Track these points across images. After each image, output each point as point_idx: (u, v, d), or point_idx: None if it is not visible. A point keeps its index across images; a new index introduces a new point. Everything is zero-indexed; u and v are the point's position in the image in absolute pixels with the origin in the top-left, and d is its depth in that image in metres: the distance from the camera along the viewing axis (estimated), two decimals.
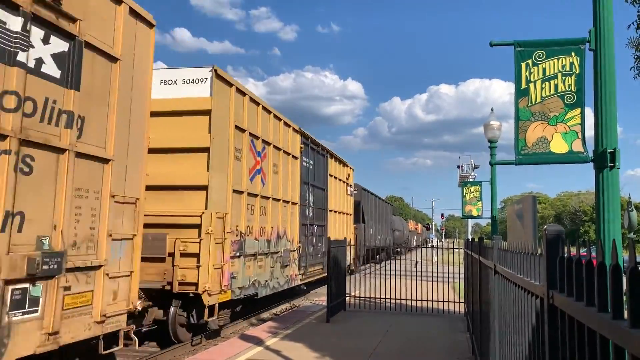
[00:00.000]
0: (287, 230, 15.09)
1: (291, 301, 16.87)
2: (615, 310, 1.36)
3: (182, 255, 10.00)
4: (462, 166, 35.66)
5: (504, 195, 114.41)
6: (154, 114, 9.08)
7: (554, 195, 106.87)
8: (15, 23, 5.51)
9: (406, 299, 13.50)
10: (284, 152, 14.97)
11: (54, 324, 5.82)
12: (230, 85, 11.42)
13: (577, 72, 6.22)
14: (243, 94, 12.10)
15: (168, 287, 9.89)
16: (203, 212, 10.14)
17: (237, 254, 11.42)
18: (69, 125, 6.20)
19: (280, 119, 14.68)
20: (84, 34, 6.47)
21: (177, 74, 11.14)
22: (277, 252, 14.16)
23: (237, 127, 11.58)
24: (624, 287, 1.32)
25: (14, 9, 5.50)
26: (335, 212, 21.06)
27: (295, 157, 15.99)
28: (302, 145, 16.78)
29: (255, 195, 12.68)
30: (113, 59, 7.12)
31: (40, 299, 5.69)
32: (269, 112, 13.78)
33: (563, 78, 6.25)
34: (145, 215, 7.96)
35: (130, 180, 7.47)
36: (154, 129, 9.51)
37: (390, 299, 13.64)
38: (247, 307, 13.30)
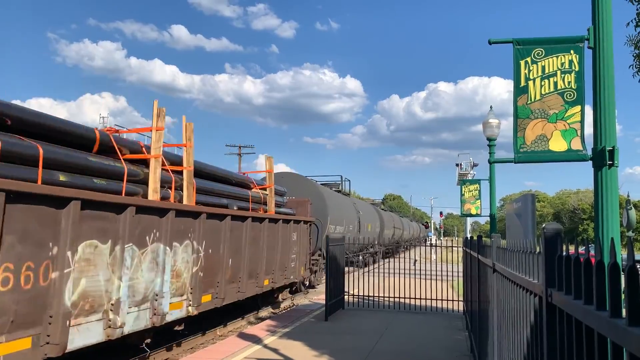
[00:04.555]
0: None
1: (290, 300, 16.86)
2: (613, 309, 1.35)
3: None
4: (461, 164, 35.64)
5: (502, 194, 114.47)
6: None
7: (553, 193, 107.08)
8: None
9: (405, 297, 13.51)
10: None
11: None
12: None
13: (577, 69, 6.21)
14: None
15: None
16: None
17: None
18: None
19: None
20: None
21: None
22: None
23: None
24: (622, 285, 1.32)
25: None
26: None
27: None
28: None
29: None
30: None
31: None
32: None
33: (562, 75, 6.23)
34: None
35: None
36: None
37: (389, 297, 13.64)
38: None
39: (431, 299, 13.57)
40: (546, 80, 6.27)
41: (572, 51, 6.22)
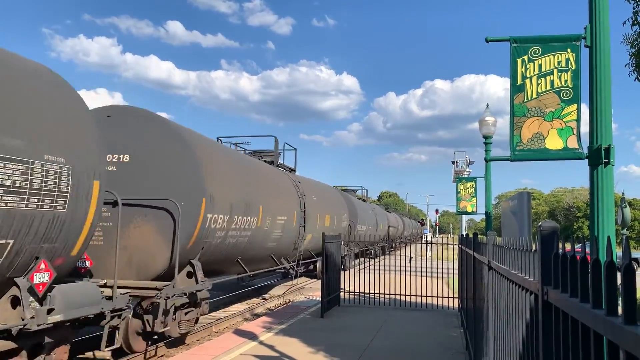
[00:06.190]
0: None
1: (286, 296, 16.89)
2: (610, 307, 1.36)
3: None
4: (457, 162, 35.60)
5: (498, 191, 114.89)
6: None
7: (548, 191, 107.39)
8: None
9: (401, 295, 13.53)
10: None
11: None
12: None
13: (573, 68, 6.22)
14: None
15: None
16: None
17: None
18: None
19: None
20: None
21: None
22: None
23: None
24: (618, 283, 1.32)
25: None
26: None
27: None
28: None
29: None
30: None
31: None
32: None
33: (559, 74, 6.25)
34: None
35: None
36: None
37: (385, 294, 13.67)
38: None
39: (427, 296, 13.59)
40: (543, 79, 6.29)
41: (568, 49, 6.24)
